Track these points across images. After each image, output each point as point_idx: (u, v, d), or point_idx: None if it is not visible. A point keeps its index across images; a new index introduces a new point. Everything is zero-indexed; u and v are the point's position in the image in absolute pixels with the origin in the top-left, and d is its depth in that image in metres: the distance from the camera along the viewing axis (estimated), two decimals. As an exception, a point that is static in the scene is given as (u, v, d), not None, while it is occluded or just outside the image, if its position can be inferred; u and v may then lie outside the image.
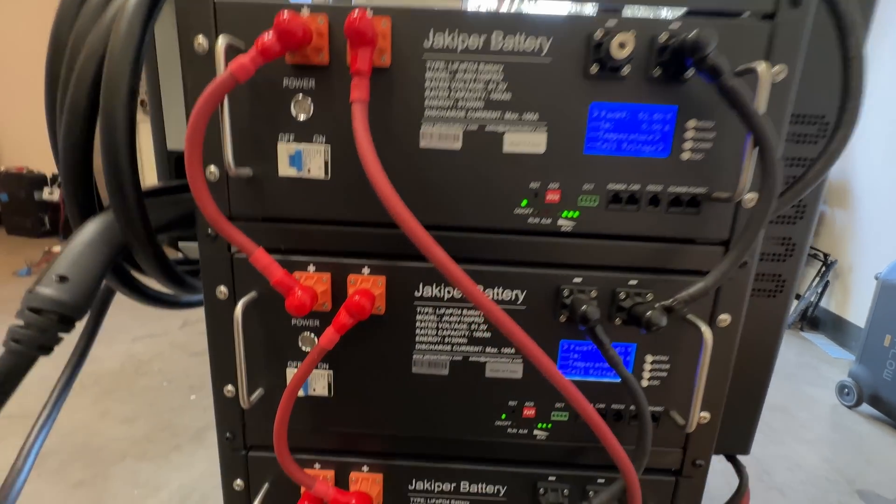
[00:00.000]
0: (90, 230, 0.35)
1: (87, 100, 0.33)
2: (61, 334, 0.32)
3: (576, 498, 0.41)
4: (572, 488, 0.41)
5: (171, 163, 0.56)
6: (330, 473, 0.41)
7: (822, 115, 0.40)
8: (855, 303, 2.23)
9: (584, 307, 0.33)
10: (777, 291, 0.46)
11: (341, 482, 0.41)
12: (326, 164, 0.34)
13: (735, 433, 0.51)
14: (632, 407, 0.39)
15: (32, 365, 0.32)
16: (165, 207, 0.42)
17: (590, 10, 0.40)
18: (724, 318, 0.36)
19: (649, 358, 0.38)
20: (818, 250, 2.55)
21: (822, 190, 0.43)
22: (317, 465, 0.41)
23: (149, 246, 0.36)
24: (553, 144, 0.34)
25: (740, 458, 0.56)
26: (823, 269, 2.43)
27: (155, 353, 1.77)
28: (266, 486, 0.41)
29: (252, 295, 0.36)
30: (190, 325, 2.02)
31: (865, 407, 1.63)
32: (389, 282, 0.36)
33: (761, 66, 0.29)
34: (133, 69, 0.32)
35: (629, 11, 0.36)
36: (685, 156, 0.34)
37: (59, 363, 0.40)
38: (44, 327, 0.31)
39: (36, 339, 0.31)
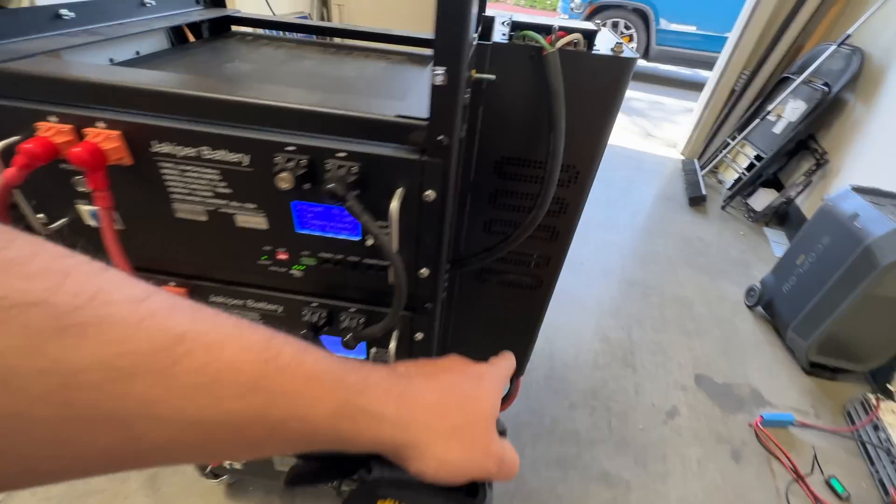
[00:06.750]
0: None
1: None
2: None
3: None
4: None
5: None
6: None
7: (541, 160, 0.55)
8: (824, 208, 2.16)
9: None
10: (537, 287, 0.69)
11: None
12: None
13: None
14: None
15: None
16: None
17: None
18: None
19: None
20: (819, 145, 2.36)
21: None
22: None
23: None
24: (273, 224, 0.46)
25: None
26: (814, 167, 2.31)
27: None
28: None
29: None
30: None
31: (758, 309, 1.73)
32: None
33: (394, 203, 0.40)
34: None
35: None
36: (369, 242, 0.46)
37: None
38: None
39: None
